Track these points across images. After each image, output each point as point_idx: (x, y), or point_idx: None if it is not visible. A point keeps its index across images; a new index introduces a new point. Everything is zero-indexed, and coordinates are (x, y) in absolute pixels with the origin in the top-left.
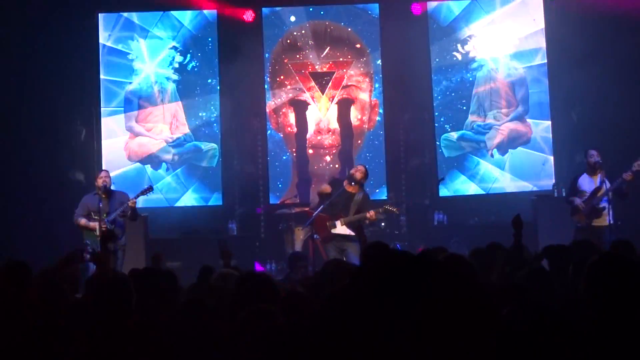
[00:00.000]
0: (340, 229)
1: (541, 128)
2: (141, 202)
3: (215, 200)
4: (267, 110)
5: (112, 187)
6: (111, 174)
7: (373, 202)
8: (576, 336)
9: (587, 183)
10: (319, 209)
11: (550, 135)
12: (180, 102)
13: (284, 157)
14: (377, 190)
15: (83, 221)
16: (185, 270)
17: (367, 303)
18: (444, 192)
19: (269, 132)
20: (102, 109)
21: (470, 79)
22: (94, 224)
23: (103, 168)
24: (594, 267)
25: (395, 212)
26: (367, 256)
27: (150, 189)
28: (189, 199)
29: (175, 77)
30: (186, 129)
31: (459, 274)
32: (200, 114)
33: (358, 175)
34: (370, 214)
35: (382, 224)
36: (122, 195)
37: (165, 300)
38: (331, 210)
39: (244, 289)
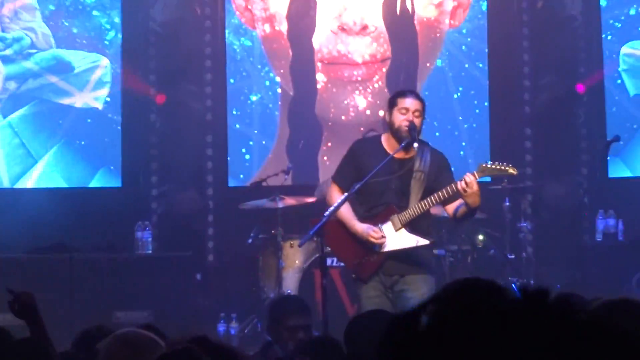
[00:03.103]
0: (395, 239)
1: None
2: None
3: (104, 179)
4: None
5: None
6: None
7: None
8: None
9: None
10: (339, 203)
11: None
12: None
13: (257, 95)
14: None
15: None
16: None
17: None
18: (619, 170)
19: (227, 30)
20: None
21: None
22: None
23: None
24: None
25: (510, 173)
26: (444, 307)
27: None
28: (43, 177)
29: None
30: (38, 21)
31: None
32: None
33: (415, 120)
34: (469, 179)
35: (480, 237)
36: None
37: None
38: (369, 205)
39: None
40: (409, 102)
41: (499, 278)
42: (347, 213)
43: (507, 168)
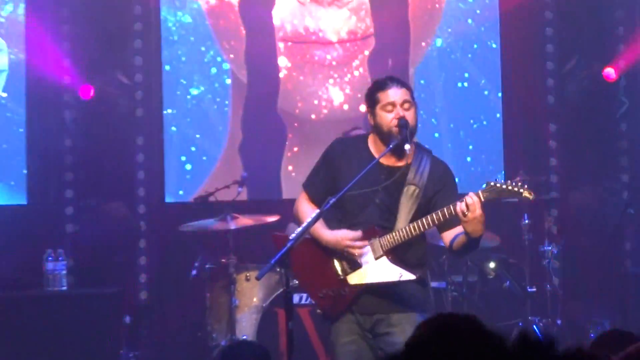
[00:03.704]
0: (373, 270)
1: None
2: None
3: (3, 196)
4: None
5: None
6: None
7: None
8: None
9: None
10: (309, 223)
11: None
12: None
13: (199, 89)
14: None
15: None
16: None
17: None
18: None
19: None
20: None
21: None
22: None
23: None
24: None
25: (524, 198)
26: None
27: None
28: None
29: None
30: None
31: None
32: None
33: (406, 114)
34: (470, 200)
35: (491, 264)
36: None
37: None
38: (347, 222)
39: None
40: (393, 94)
41: (517, 317)
42: (316, 225)
43: (521, 190)
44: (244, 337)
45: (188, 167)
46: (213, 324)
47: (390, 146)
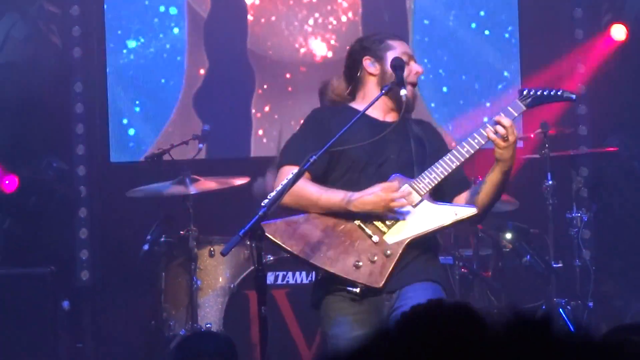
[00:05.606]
0: (420, 218)
1: None
2: None
3: None
4: None
5: None
6: None
7: None
8: None
9: None
10: (293, 177)
11: None
12: None
13: (137, 40)
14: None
15: None
16: None
17: None
18: None
19: None
20: None
21: None
22: None
23: None
24: None
25: (566, 99)
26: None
27: None
28: None
29: None
30: None
31: None
32: None
33: (414, 74)
34: (506, 121)
35: (507, 235)
36: None
37: None
38: (351, 184)
39: None
40: (407, 46)
41: (539, 299)
42: (319, 189)
43: (560, 92)
44: (208, 325)
45: (131, 132)
46: (170, 309)
47: (383, 91)
